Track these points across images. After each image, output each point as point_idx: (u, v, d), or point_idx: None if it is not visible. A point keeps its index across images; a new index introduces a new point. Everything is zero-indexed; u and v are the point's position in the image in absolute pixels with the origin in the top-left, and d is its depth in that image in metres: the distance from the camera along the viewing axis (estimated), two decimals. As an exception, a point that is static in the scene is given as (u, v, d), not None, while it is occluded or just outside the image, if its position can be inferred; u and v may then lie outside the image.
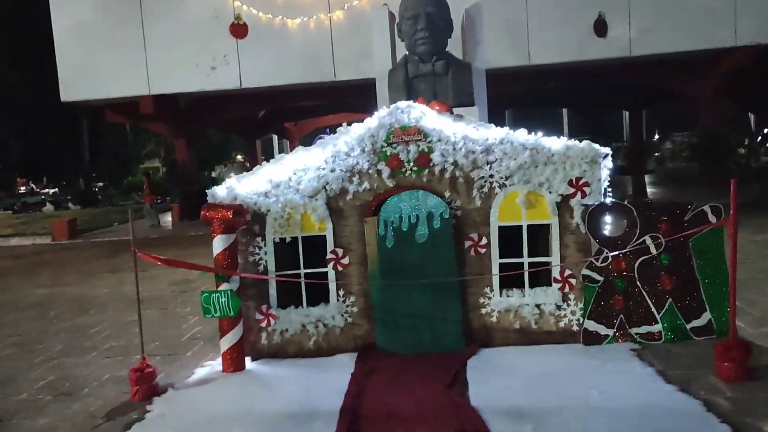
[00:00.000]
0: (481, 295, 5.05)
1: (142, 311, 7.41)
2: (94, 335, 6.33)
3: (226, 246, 4.80)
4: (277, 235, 5.06)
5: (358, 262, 5.08)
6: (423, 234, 4.95)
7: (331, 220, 5.04)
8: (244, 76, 15.25)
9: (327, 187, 5.00)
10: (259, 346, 5.09)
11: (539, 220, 4.99)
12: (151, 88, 15.46)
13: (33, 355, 5.77)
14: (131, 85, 15.35)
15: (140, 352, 5.57)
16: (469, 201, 4.99)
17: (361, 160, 4.97)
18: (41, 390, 4.83)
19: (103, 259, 11.78)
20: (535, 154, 4.87)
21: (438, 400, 4.05)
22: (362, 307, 5.09)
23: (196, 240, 13.59)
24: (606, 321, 4.89)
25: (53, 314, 7.41)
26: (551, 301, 4.97)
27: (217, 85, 15.46)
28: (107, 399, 4.54)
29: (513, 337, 5.02)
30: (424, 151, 4.94)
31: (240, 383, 4.59)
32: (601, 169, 4.88)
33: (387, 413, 3.92)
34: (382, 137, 4.95)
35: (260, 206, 5.01)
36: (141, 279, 9.26)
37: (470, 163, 4.92)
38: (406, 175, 4.99)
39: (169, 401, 4.35)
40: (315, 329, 5.08)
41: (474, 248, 5.02)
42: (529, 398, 3.96)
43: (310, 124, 31.49)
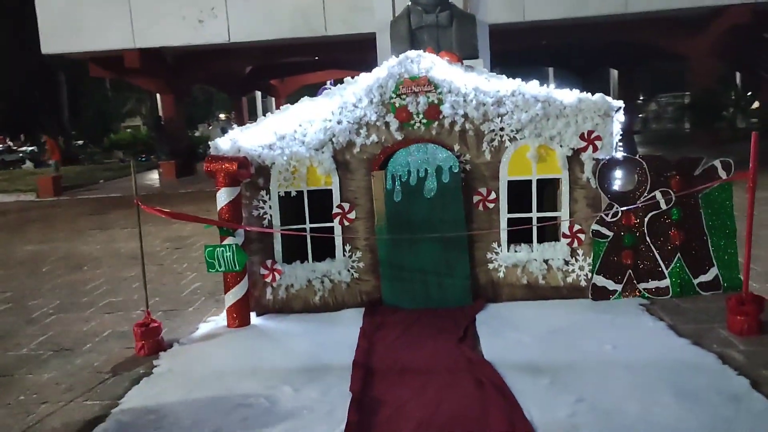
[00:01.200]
0: (488, 251, 4.99)
1: (136, 267, 7.34)
2: (90, 291, 6.21)
3: (230, 199, 4.67)
4: (282, 189, 4.93)
5: (365, 216, 4.99)
6: (431, 188, 4.86)
7: (337, 174, 4.92)
8: (232, 30, 14.85)
9: (333, 140, 4.87)
10: (264, 301, 5.02)
11: (549, 174, 4.91)
12: (136, 42, 15.01)
13: (28, 311, 5.65)
14: (116, 37, 14.89)
15: (141, 308, 5.53)
16: (479, 155, 4.89)
17: (368, 112, 4.83)
18: (41, 345, 4.73)
19: (91, 216, 11.58)
20: (546, 107, 4.76)
21: (450, 355, 4.01)
22: (369, 262, 5.02)
23: (185, 197, 13.42)
24: (614, 276, 4.86)
25: (45, 270, 7.27)
26: (559, 257, 4.92)
27: (204, 39, 15.05)
28: (111, 354, 4.45)
29: (520, 293, 4.99)
30: (434, 103, 4.81)
31: (246, 338, 4.52)
32: (613, 123, 4.79)
33: (400, 367, 3.88)
34: (390, 88, 4.80)
35: (264, 159, 4.87)
36: (133, 236, 9.20)
37: (481, 116, 4.80)
38: (415, 128, 4.87)
39: (176, 356, 4.28)
40: (321, 285, 5.00)
41: (482, 203, 4.94)
42: (542, 353, 3.93)
43: (296, 81, 30.99)
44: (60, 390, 3.87)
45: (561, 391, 3.37)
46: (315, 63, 23.52)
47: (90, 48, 15.22)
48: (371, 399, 3.45)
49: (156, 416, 3.40)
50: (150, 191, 15.23)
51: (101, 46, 15.09)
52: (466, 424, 3.11)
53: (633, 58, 22.18)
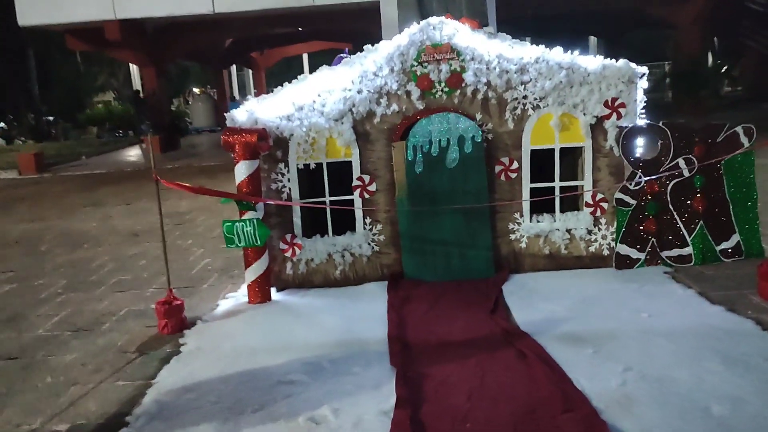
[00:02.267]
0: (510, 221, 4.94)
1: (139, 245, 7.18)
2: (96, 270, 6.06)
3: (249, 173, 4.54)
4: (301, 161, 4.81)
5: (386, 188, 4.89)
6: (454, 159, 4.77)
7: (357, 145, 4.81)
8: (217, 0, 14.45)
9: (353, 110, 4.74)
10: (284, 276, 4.92)
11: (572, 143, 4.85)
12: (117, 12, 14.56)
13: (36, 291, 5.49)
14: (96, 8, 14.42)
15: (153, 286, 5.40)
16: (501, 123, 4.80)
17: (389, 81, 4.70)
18: (57, 326, 4.60)
19: (80, 193, 11.30)
20: (570, 74, 4.68)
21: (485, 327, 3.97)
22: (389, 235, 4.94)
23: (174, 173, 13.15)
24: (638, 245, 4.85)
25: (45, 249, 7.07)
26: (582, 226, 4.89)
27: (188, 10, 14.64)
28: (132, 333, 4.34)
29: (542, 263, 4.96)
30: (456, 71, 4.70)
31: (271, 314, 4.43)
32: (637, 90, 4.73)
33: (436, 341, 3.83)
34: (412, 56, 4.67)
35: (283, 130, 4.73)
36: (128, 212, 9.01)
37: (504, 84, 4.71)
38: (437, 97, 4.76)
39: (202, 334, 4.18)
40: (341, 258, 4.92)
41: (505, 173, 4.87)
42: (578, 322, 3.90)
43: (276, 53, 30.54)
44: (88, 371, 3.75)
45: (606, 360, 3.35)
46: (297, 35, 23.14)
47: (69, 20, 14.73)
48: (415, 373, 3.39)
49: (195, 395, 3.32)
50: (136, 167, 14.91)
51: (80, 17, 14.61)
52: (517, 395, 3.08)
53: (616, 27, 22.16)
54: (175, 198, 9.87)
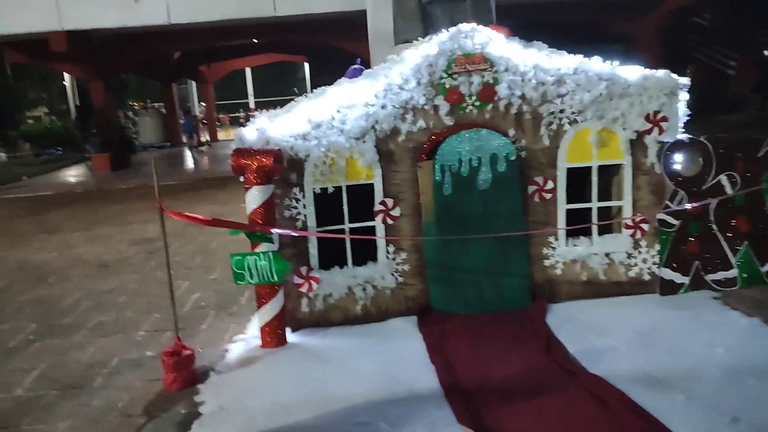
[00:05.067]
0: (544, 246, 4.54)
1: (113, 277, 6.45)
2: (69, 309, 5.33)
3: (264, 199, 3.98)
4: (318, 185, 4.29)
5: (411, 213, 4.42)
6: (486, 179, 4.34)
7: (380, 166, 4.32)
8: (172, 10, 13.68)
9: (376, 127, 4.26)
10: (299, 314, 4.37)
11: (611, 160, 4.50)
12: (63, 23, 13.61)
13: (2, 338, 4.75)
14: (40, 18, 13.43)
15: (142, 328, 4.76)
16: (536, 140, 4.41)
17: (416, 95, 4.24)
18: (38, 383, 3.91)
19: (29, 218, 10.35)
20: (611, 86, 4.33)
21: (546, 369, 3.54)
22: (415, 264, 4.46)
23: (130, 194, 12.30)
24: (682, 268, 4.52)
25: (2, 286, 6.26)
26: (622, 249, 4.54)
27: (141, 21, 13.80)
28: (133, 390, 3.71)
29: (579, 290, 4.57)
30: (489, 83, 4.28)
31: (294, 360, 3.87)
32: (679, 102, 4.42)
33: (497, 388, 3.37)
34: (441, 66, 4.23)
35: (298, 151, 4.20)
36: (90, 239, 8.22)
37: (539, 97, 4.32)
38: (467, 111, 4.33)
39: (219, 389, 3.59)
40: (363, 292, 4.41)
41: (539, 193, 4.47)
42: (647, 360, 3.52)
43: (225, 66, 29.67)
44: (90, 444, 3.13)
45: (707, 409, 2.96)
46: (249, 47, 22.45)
47: (10, 30, 13.67)
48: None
49: (234, 474, 2.75)
50: (86, 188, 13.93)
51: (24, 28, 13.58)
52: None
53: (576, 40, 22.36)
54: (140, 222, 9.13)
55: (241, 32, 15.96)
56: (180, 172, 15.72)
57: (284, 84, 41.46)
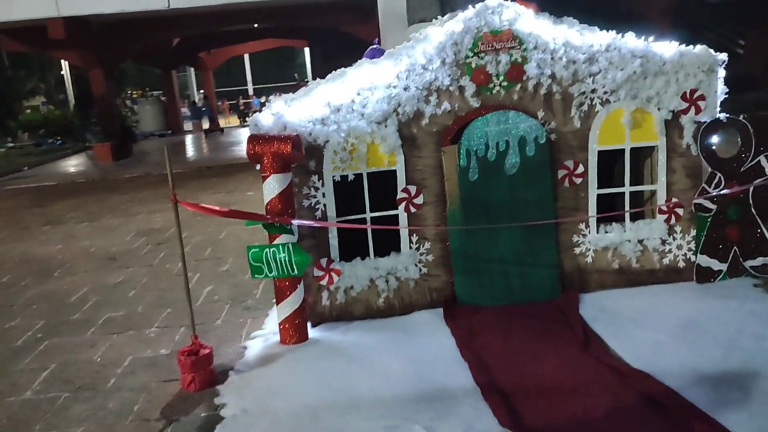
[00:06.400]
0: (574, 233, 4.33)
1: (120, 270, 6.25)
2: (77, 305, 5.14)
3: (282, 188, 3.76)
4: (338, 172, 4.06)
5: (435, 200, 4.20)
6: (514, 163, 4.12)
7: (402, 151, 4.10)
8: (172, -6, 13.39)
9: (399, 110, 4.03)
10: (320, 308, 4.17)
11: (644, 141, 4.27)
12: (61, 9, 13.30)
13: (9, 337, 4.56)
14: (38, 4, 13.13)
15: (154, 324, 4.56)
16: (566, 122, 4.18)
17: (440, 75, 4.01)
18: (49, 384, 3.72)
19: (32, 210, 10.14)
20: (645, 63, 4.09)
21: (586, 365, 3.34)
22: (439, 254, 4.25)
23: (135, 184, 12.08)
24: (719, 254, 4.31)
25: (7, 281, 6.06)
26: (656, 236, 4.32)
27: (140, 6, 13.50)
28: (149, 391, 3.52)
29: (611, 279, 4.37)
30: (517, 62, 4.04)
31: (317, 358, 3.68)
32: (717, 80, 4.19)
33: (536, 387, 3.17)
34: (467, 45, 3.99)
35: (316, 136, 3.97)
36: (95, 231, 8.00)
37: (570, 76, 4.08)
38: (494, 92, 4.10)
39: (241, 390, 3.39)
40: (385, 284, 4.21)
41: (569, 178, 4.25)
42: (695, 355, 3.31)
43: (224, 52, 29.36)
44: (107, 452, 2.94)
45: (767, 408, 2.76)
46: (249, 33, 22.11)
47: (7, 17, 13.36)
48: (537, 436, 2.73)
49: (264, 485, 2.56)
50: (89, 178, 13.70)
51: (21, 15, 13.27)
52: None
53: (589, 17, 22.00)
54: (145, 212, 8.91)
55: (242, 16, 15.64)
56: (182, 161, 15.46)
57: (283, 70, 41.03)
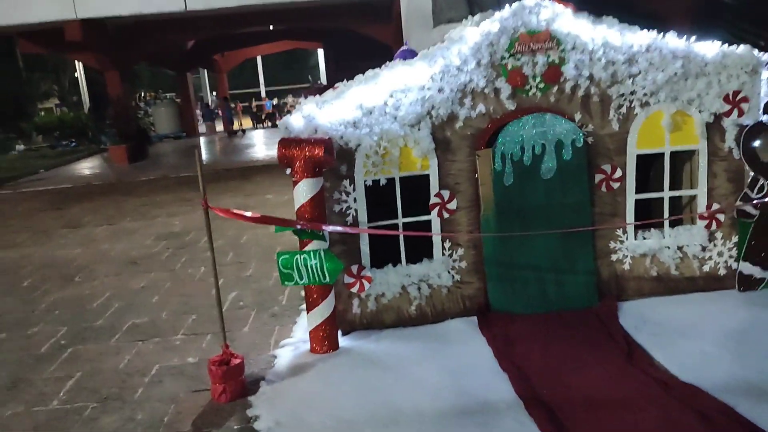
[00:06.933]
0: (611, 239, 4.20)
1: (142, 275, 6.17)
2: (100, 311, 5.06)
3: (313, 193, 3.66)
4: (369, 177, 3.96)
5: (468, 206, 4.09)
6: (550, 168, 4.00)
7: (436, 155, 3.99)
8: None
9: (432, 113, 3.92)
10: (350, 316, 4.06)
11: (685, 145, 4.14)
12: (78, 12, 13.30)
13: (33, 344, 4.48)
14: (55, 7, 13.14)
15: (180, 331, 4.47)
16: (604, 125, 4.06)
17: (476, 77, 3.90)
18: (75, 393, 3.64)
19: (51, 212, 10.10)
20: (686, 64, 3.96)
21: (632, 379, 3.21)
22: (472, 261, 4.14)
23: (152, 186, 12.04)
24: (762, 261, 4.17)
25: (28, 285, 6.00)
26: (696, 242, 4.19)
27: (157, 8, 13.48)
28: (178, 402, 3.43)
29: (648, 287, 4.24)
30: (555, 63, 3.92)
31: (350, 368, 3.57)
32: (762, 81, 4.05)
33: (580, 400, 3.05)
34: (503, 46, 3.88)
35: (348, 140, 3.87)
36: (115, 234, 7.94)
37: (609, 77, 3.96)
38: (530, 94, 3.98)
39: (273, 401, 3.29)
40: (417, 291, 4.10)
41: (606, 182, 4.13)
42: (749, 368, 3.18)
43: (239, 54, 29.37)
44: (140, 467, 2.85)
45: (831, 426, 2.62)
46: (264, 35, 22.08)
47: (25, 20, 13.38)
48: (591, 455, 2.61)
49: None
50: (105, 180, 13.68)
51: (38, 17, 13.29)
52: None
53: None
54: (164, 215, 8.84)
55: (257, 18, 15.59)
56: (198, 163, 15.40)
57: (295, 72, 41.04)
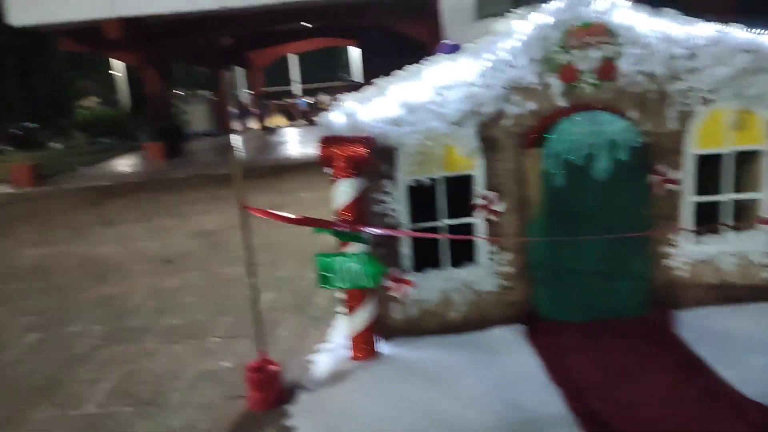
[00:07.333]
0: (667, 244, 3.96)
1: (177, 274, 6.10)
2: (135, 311, 5.00)
3: (354, 194, 3.51)
4: (412, 177, 3.80)
5: (515, 208, 3.90)
6: (603, 168, 3.78)
7: (481, 155, 3.80)
8: (225, -6, 13.36)
9: (478, 110, 3.74)
10: (390, 321, 3.90)
11: (749, 145, 3.88)
12: (116, 10, 13.41)
13: (68, 344, 4.43)
14: (94, 6, 13.26)
15: (216, 334, 4.37)
16: (661, 123, 3.82)
17: (525, 72, 3.70)
18: (110, 397, 3.56)
19: (88, 209, 10.17)
20: (753, 59, 3.71)
21: (694, 393, 3.00)
22: (519, 265, 3.94)
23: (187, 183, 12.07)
24: (832, 270, 3.90)
25: (64, 282, 5.99)
26: (759, 248, 3.93)
27: (195, 6, 13.52)
28: (214, 410, 3.32)
29: (707, 295, 3.99)
30: (610, 58, 3.70)
31: (392, 377, 3.41)
32: (834, 77, 3.77)
33: (639, 417, 2.85)
34: (556, 40, 3.68)
35: (390, 138, 3.71)
36: (150, 232, 7.91)
37: (668, 73, 3.73)
38: (583, 91, 3.77)
39: (312, 411, 3.16)
40: (461, 297, 3.92)
41: (663, 184, 3.89)
42: (823, 386, 2.94)
43: (273, 52, 29.45)
44: (175, 478, 2.73)
45: None
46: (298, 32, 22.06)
47: (65, 18, 13.54)
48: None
49: None
50: (141, 177, 13.78)
51: (78, 16, 13.44)
52: None
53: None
54: (198, 213, 8.81)
55: (293, 15, 15.54)
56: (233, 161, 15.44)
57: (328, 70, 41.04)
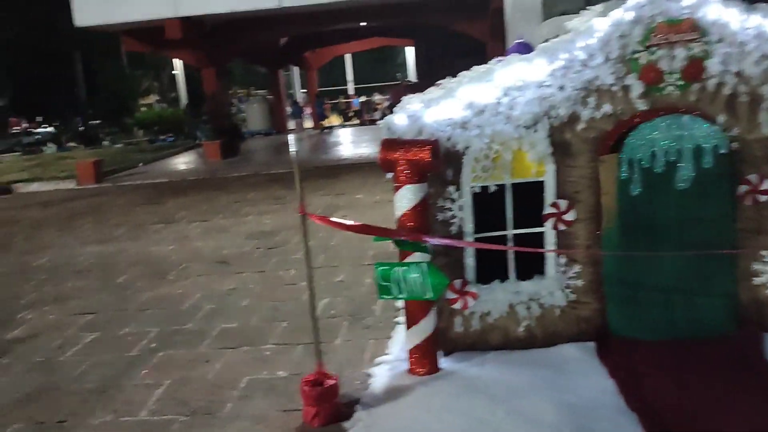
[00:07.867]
0: (755, 259, 3.64)
1: (233, 276, 6.03)
2: (190, 313, 4.95)
3: (417, 200, 3.34)
4: (478, 183, 3.59)
5: (588, 217, 3.65)
6: (686, 177, 3.50)
7: (553, 160, 3.57)
8: (284, -7, 13.38)
9: (551, 113, 3.51)
10: (452, 335, 3.71)
11: None
12: (178, 9, 13.60)
13: (124, 345, 4.41)
14: (156, 5, 13.49)
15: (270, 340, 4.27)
16: (752, 128, 3.51)
17: (602, 73, 3.45)
18: (163, 404, 3.48)
19: (146, 207, 10.32)
20: None
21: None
22: (590, 279, 3.69)
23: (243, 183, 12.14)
24: None
25: (122, 281, 6.02)
26: None
27: (252, 5, 13.60)
28: (268, 422, 3.20)
29: (799, 316, 3.65)
30: (697, 57, 3.42)
31: (455, 397, 3.22)
32: None
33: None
34: (637, 37, 3.41)
35: (456, 142, 3.52)
36: (207, 232, 7.91)
37: (762, 74, 3.41)
38: (666, 93, 3.49)
39: (370, 430, 2.99)
40: (527, 311, 3.69)
41: (752, 195, 3.57)
42: None
43: (329, 52, 29.56)
44: (227, 498, 2.61)
45: None
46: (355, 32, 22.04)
47: (128, 18, 13.84)
48: None
49: None
50: (199, 175, 13.94)
51: (140, 16, 13.70)
52: None
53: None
54: (255, 213, 8.81)
55: (350, 15, 15.49)
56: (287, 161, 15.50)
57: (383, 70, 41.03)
